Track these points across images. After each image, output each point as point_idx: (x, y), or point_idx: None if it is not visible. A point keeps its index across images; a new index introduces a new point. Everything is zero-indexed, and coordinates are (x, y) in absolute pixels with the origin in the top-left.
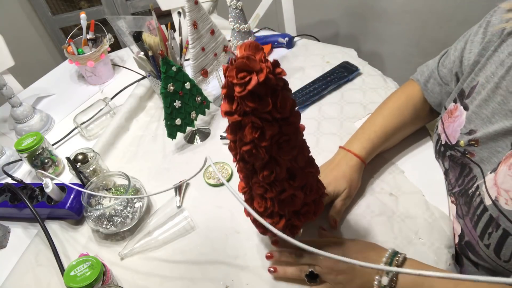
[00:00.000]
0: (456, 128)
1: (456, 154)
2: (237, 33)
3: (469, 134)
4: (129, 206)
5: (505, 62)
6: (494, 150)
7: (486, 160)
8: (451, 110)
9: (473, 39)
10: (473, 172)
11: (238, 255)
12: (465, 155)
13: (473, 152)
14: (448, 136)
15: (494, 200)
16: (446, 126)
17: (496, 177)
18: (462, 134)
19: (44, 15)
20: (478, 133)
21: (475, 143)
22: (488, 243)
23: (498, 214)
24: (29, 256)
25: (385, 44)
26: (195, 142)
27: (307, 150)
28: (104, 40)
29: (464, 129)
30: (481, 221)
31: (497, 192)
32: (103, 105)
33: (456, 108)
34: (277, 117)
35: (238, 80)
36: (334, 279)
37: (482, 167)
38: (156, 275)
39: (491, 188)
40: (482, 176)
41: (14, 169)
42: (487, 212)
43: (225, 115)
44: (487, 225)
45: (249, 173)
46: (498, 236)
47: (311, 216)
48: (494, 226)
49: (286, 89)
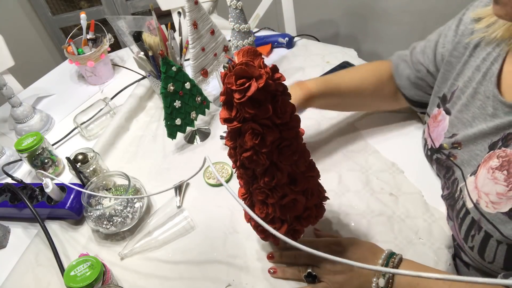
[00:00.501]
0: (440, 132)
1: (442, 157)
2: (237, 33)
3: (451, 138)
4: (129, 206)
5: (480, 67)
6: (474, 153)
7: (466, 163)
8: (435, 115)
9: (446, 33)
10: (455, 175)
11: (238, 255)
12: (449, 158)
13: (456, 154)
14: (433, 140)
15: (475, 203)
16: (431, 131)
17: (476, 180)
18: (445, 138)
19: (44, 15)
20: (459, 136)
21: (458, 145)
22: (472, 245)
23: (480, 217)
24: (29, 256)
25: (385, 44)
26: (195, 142)
27: (307, 154)
28: (104, 40)
29: (447, 133)
30: (464, 223)
31: (478, 195)
32: (103, 105)
33: (439, 113)
34: (277, 122)
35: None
36: (332, 279)
37: (462, 170)
38: (156, 275)
39: (472, 191)
40: (463, 178)
41: (14, 169)
42: (469, 215)
43: (224, 122)
44: (469, 228)
45: (250, 179)
46: (481, 238)
47: (313, 220)
48: (476, 228)
49: (285, 94)
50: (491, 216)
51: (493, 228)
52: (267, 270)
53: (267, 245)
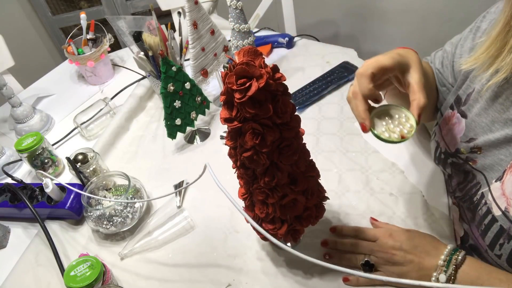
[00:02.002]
0: (455, 136)
1: (458, 162)
2: (237, 33)
3: (469, 142)
4: (129, 206)
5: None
6: (497, 158)
7: (489, 168)
8: (448, 117)
9: (463, 44)
10: (477, 179)
11: (238, 255)
12: (467, 162)
13: (475, 159)
14: (447, 144)
15: (504, 211)
16: (445, 134)
17: (503, 186)
18: (461, 142)
19: (44, 15)
20: (478, 141)
21: (478, 150)
22: (499, 254)
23: (510, 225)
24: (29, 256)
25: (385, 44)
26: (195, 142)
27: (307, 154)
28: (104, 40)
29: (464, 137)
30: (490, 231)
31: (507, 203)
32: (103, 105)
33: (454, 115)
34: (278, 122)
35: (238, 87)
36: (389, 269)
37: (485, 175)
38: (156, 275)
39: (499, 198)
40: (487, 183)
41: (14, 169)
42: (496, 222)
43: (225, 122)
44: (497, 236)
45: (250, 179)
46: (511, 247)
47: (313, 221)
48: (505, 237)
49: (286, 94)
50: None
51: None
52: (323, 255)
53: (267, 245)
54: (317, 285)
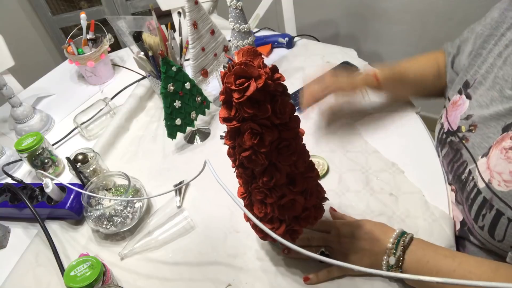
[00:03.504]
0: (457, 115)
1: (455, 140)
2: (237, 33)
3: (467, 119)
4: (129, 206)
5: (502, 53)
6: (486, 136)
7: (477, 146)
8: (455, 101)
9: (482, 32)
10: (463, 158)
11: (238, 254)
12: (461, 141)
13: (468, 137)
14: (450, 123)
15: (488, 183)
16: (449, 115)
17: (488, 161)
18: (461, 119)
19: (44, 15)
20: (474, 117)
21: (474, 128)
22: (482, 225)
23: (492, 196)
24: (29, 256)
25: (385, 44)
26: (195, 142)
27: (306, 155)
28: (104, 40)
29: (463, 115)
30: (475, 203)
31: (490, 175)
32: (103, 105)
33: (460, 98)
34: (277, 122)
35: (237, 87)
36: (343, 258)
37: (472, 152)
38: (156, 275)
39: (484, 171)
40: (473, 161)
41: (14, 169)
42: (480, 194)
43: (224, 122)
44: (480, 207)
45: (249, 178)
46: (492, 217)
47: (312, 221)
48: (487, 207)
49: (285, 94)
50: (503, 194)
51: (505, 206)
52: (282, 251)
53: (266, 245)
54: (316, 285)
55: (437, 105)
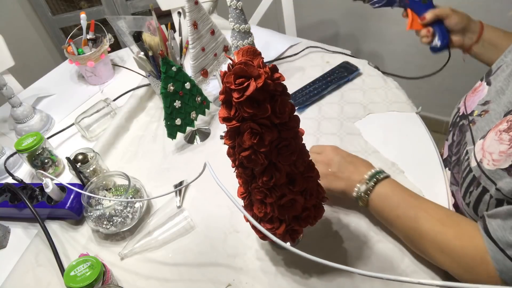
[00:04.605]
0: (475, 100)
1: (465, 123)
2: (237, 33)
3: (484, 105)
4: (129, 206)
5: None
6: (490, 121)
7: (480, 129)
8: (476, 88)
9: None
10: (465, 139)
11: (238, 254)
12: (469, 124)
13: (476, 121)
14: (467, 107)
15: (479, 162)
16: (467, 100)
17: (484, 142)
18: (478, 105)
19: (44, 15)
20: (491, 104)
21: (484, 113)
22: (468, 201)
23: (480, 174)
24: (29, 256)
25: (385, 44)
26: (195, 142)
27: (306, 155)
28: (104, 40)
29: (481, 100)
30: (465, 181)
31: (483, 155)
32: (104, 107)
33: (480, 85)
34: (276, 122)
35: (236, 86)
36: (326, 178)
37: (474, 135)
38: (156, 275)
39: (478, 152)
40: (473, 142)
41: (15, 169)
42: (471, 173)
43: (223, 121)
44: (469, 185)
45: (248, 178)
46: (477, 193)
47: (312, 221)
48: (475, 185)
49: (285, 94)
50: (491, 172)
51: (490, 183)
52: None
53: (266, 245)
54: (316, 284)
55: (437, 105)
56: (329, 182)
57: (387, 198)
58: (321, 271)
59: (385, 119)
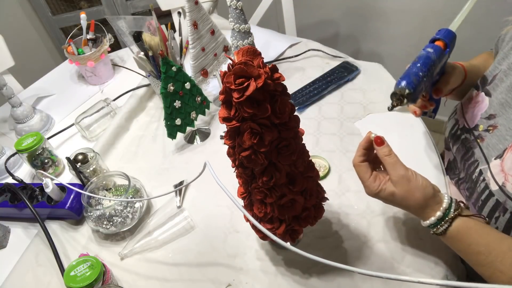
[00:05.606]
0: (476, 113)
1: (469, 138)
2: (237, 33)
3: (489, 119)
4: (129, 206)
5: None
6: (503, 138)
7: (491, 147)
8: (471, 97)
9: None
10: (475, 157)
11: (238, 254)
12: (476, 140)
13: (484, 137)
14: (467, 120)
15: (501, 186)
16: (465, 112)
17: (503, 163)
18: (482, 118)
19: (44, 15)
20: (498, 118)
21: (492, 129)
22: (495, 227)
23: (505, 199)
24: (29, 256)
25: (385, 44)
26: (195, 142)
27: (306, 155)
28: (104, 40)
29: (484, 114)
30: (486, 205)
31: (505, 178)
32: (104, 107)
33: (478, 95)
34: (276, 122)
35: (236, 86)
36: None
37: (485, 153)
38: (156, 275)
39: (497, 174)
40: (486, 161)
41: (15, 169)
42: (493, 197)
43: (223, 121)
44: (493, 210)
45: (248, 178)
46: (506, 220)
47: (312, 221)
48: (501, 210)
49: (284, 94)
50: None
51: None
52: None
53: (266, 245)
54: (316, 284)
55: None
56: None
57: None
58: (321, 271)
59: (385, 119)
